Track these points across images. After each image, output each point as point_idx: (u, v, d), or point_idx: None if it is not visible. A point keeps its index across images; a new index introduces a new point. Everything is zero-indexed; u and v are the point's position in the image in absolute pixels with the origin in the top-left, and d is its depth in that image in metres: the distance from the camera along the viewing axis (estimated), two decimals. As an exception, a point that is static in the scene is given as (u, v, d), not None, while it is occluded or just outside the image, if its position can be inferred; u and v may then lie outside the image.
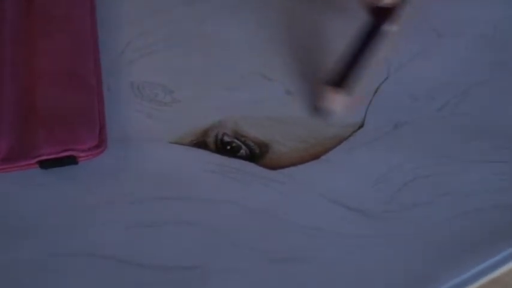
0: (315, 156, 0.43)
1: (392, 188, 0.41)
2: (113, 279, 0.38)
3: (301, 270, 0.38)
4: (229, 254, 0.39)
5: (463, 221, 0.40)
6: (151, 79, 0.47)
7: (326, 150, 0.43)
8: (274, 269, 0.38)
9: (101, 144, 0.42)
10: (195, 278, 0.38)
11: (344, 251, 0.39)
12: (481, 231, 0.39)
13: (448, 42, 0.49)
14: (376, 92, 0.46)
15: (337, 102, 0.44)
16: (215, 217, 0.40)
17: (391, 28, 0.47)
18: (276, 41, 0.49)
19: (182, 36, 0.50)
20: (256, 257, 0.39)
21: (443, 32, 0.50)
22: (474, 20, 0.50)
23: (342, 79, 0.45)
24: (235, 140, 0.44)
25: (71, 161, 0.41)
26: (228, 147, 0.43)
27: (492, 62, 0.48)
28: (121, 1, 0.52)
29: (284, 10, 0.51)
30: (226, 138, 0.44)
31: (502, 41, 0.49)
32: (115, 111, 0.45)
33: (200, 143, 0.44)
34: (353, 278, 0.38)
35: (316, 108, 0.45)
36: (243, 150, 0.43)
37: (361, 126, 0.44)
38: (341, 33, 0.49)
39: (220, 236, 0.39)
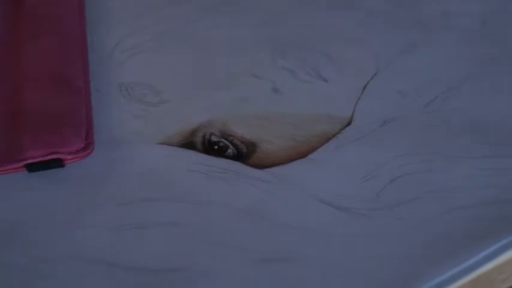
0: (303, 155, 0.43)
1: (379, 185, 0.41)
2: (102, 282, 0.38)
3: (290, 270, 0.38)
4: (218, 254, 0.39)
5: (450, 217, 0.40)
6: (140, 80, 0.47)
7: (314, 148, 0.43)
8: (262, 269, 0.38)
9: (87, 146, 0.42)
10: (183, 279, 0.38)
11: (332, 250, 0.39)
12: (468, 228, 0.39)
13: (436, 36, 0.49)
14: (364, 88, 0.46)
15: None
16: (203, 217, 0.40)
17: None
18: (263, 39, 0.49)
19: (170, 36, 0.50)
20: (244, 257, 0.39)
21: (431, 27, 0.50)
22: (463, 14, 0.50)
23: None
24: (223, 140, 0.44)
25: (58, 163, 0.41)
26: (216, 147, 0.43)
27: (481, 56, 0.48)
28: (110, 1, 0.52)
29: (272, 8, 0.51)
30: (214, 138, 0.44)
31: (490, 35, 0.49)
32: (103, 113, 0.45)
33: (188, 144, 0.44)
34: (341, 276, 0.38)
35: None
36: (230, 150, 0.43)
37: (349, 123, 0.44)
38: (330, 31, 0.49)
39: (208, 236, 0.39)
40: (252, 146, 0.43)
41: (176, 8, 0.51)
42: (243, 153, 0.43)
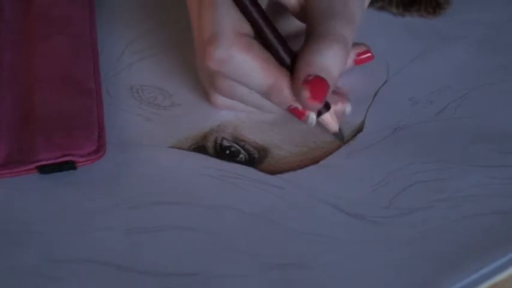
0: (314, 161, 0.43)
1: (391, 192, 0.41)
2: (112, 285, 0.38)
3: (301, 276, 0.38)
4: (229, 259, 0.39)
5: (463, 226, 0.39)
6: (151, 82, 0.47)
7: (325, 155, 0.43)
8: (274, 274, 0.38)
9: (99, 149, 0.42)
10: (194, 284, 0.38)
11: (344, 257, 0.39)
12: (481, 236, 0.39)
13: (448, 45, 0.49)
14: (375, 95, 0.46)
15: None
16: (214, 222, 0.40)
17: None
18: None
19: (181, 39, 0.49)
20: (256, 262, 0.38)
21: (444, 35, 0.50)
22: (476, 23, 0.50)
23: None
24: (234, 145, 0.44)
25: (70, 166, 0.41)
26: (227, 152, 0.43)
27: (493, 65, 0.48)
28: (120, 3, 0.52)
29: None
30: (225, 143, 0.44)
31: (503, 44, 0.49)
32: (114, 115, 0.45)
33: (199, 148, 0.44)
34: (353, 283, 0.38)
35: None
36: (242, 155, 0.43)
37: (360, 130, 0.44)
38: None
39: (220, 241, 0.39)
40: (263, 152, 0.43)
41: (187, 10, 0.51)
42: (255, 158, 0.43)
